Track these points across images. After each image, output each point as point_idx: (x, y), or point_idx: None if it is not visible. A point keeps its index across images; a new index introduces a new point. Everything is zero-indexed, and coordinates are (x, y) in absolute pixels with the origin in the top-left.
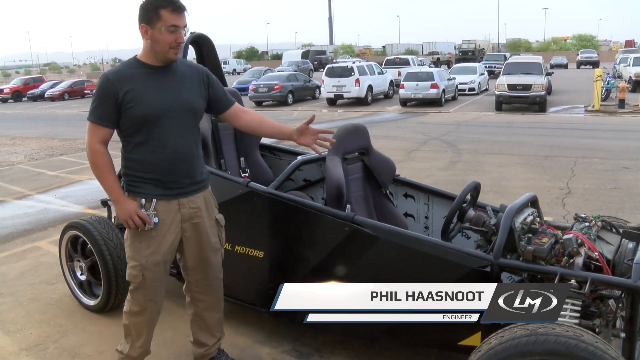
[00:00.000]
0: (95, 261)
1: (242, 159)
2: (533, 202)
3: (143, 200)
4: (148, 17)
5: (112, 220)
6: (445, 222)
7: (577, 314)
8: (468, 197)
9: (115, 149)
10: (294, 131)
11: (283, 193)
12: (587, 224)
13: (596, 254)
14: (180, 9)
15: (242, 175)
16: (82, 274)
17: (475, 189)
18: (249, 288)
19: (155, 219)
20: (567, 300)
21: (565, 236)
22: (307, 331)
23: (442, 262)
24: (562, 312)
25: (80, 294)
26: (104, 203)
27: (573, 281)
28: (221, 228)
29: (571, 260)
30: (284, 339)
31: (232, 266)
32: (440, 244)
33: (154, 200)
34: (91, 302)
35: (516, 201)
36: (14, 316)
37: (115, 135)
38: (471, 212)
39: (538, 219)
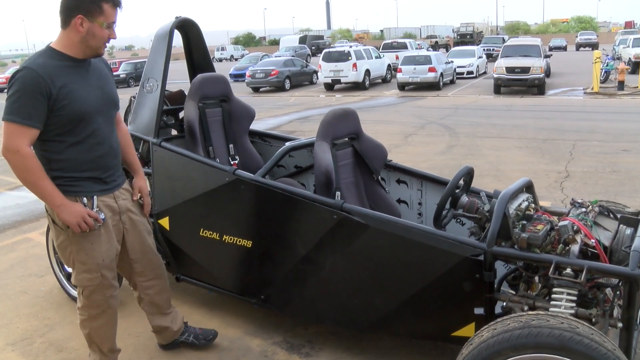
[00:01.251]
0: None
1: (231, 145)
2: (528, 187)
3: (85, 200)
4: (88, 8)
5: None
6: (437, 209)
7: (573, 304)
8: (461, 182)
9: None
10: (136, 177)
11: (270, 181)
12: (583, 209)
13: (593, 241)
14: (120, 5)
15: (232, 162)
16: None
17: (469, 174)
18: (238, 278)
19: (102, 215)
20: (562, 289)
21: (561, 223)
22: (298, 322)
23: (434, 251)
24: (558, 302)
25: (68, 286)
26: None
27: (569, 270)
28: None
29: (567, 248)
30: (274, 331)
31: (220, 256)
32: (431, 231)
33: (95, 197)
34: None
35: (510, 186)
36: (1, 310)
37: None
38: (464, 199)
39: (533, 205)
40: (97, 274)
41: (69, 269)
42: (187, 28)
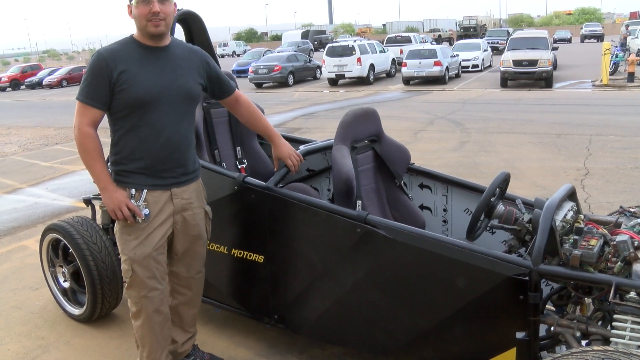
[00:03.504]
0: (79, 267)
1: (238, 148)
2: (571, 195)
3: (133, 191)
4: None
5: (98, 220)
6: (472, 220)
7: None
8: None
9: (104, 136)
10: (272, 148)
11: (284, 190)
12: (638, 220)
13: None
14: None
15: (239, 167)
16: (65, 281)
17: (505, 181)
18: (248, 296)
19: (146, 211)
20: (626, 317)
21: (618, 238)
22: (314, 342)
23: (471, 269)
24: (621, 332)
25: (64, 302)
26: (87, 202)
27: (633, 293)
28: (209, 221)
29: (625, 267)
30: (288, 352)
31: (229, 271)
32: (468, 247)
33: (144, 190)
34: (76, 311)
35: (555, 195)
36: None
37: (105, 123)
38: (501, 208)
39: (581, 215)
40: (129, 267)
41: (65, 284)
42: (190, 21)
